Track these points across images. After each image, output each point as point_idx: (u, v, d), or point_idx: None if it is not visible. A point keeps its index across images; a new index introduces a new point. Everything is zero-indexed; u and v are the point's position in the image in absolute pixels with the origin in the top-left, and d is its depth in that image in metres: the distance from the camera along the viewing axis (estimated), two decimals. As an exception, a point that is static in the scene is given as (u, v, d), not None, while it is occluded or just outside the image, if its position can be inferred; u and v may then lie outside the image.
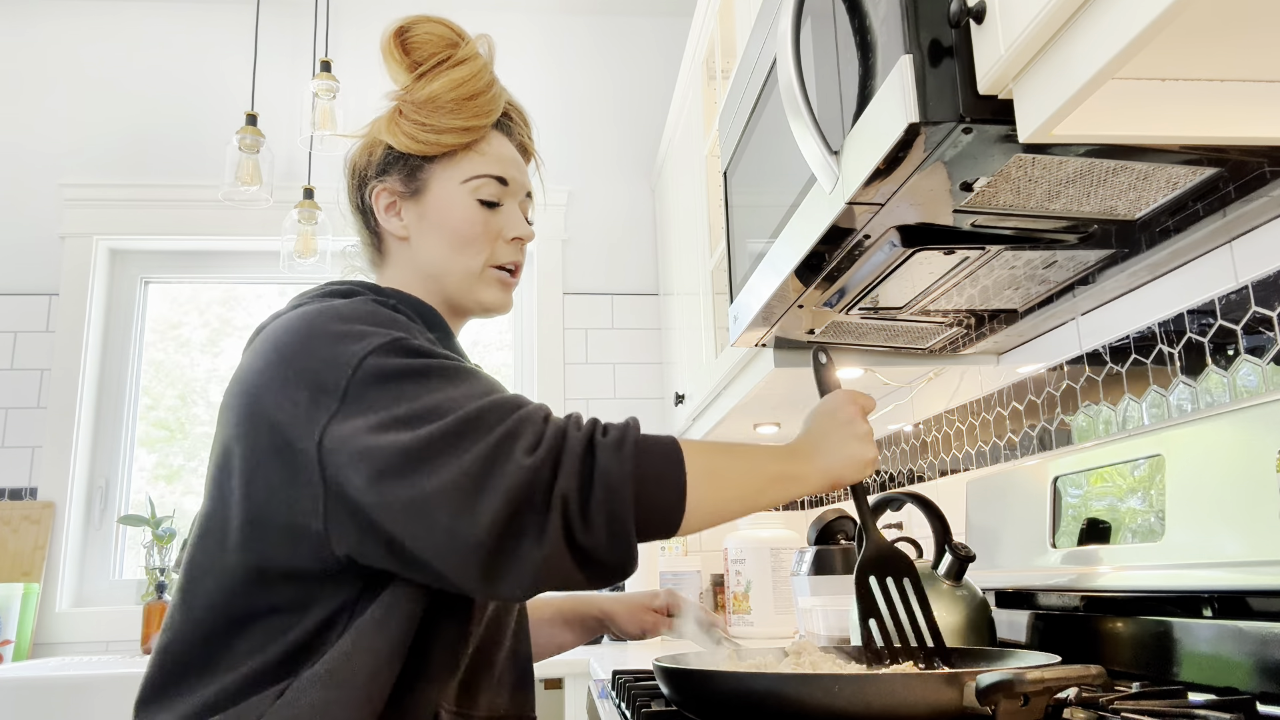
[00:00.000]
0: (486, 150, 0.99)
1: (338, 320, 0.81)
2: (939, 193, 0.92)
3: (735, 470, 0.82)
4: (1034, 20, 0.69)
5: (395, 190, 0.99)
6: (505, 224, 1.00)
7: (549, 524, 0.72)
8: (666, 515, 0.77)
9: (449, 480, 0.72)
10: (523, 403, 0.78)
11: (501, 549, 0.72)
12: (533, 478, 0.72)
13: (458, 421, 0.74)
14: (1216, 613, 0.91)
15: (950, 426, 1.73)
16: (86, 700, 1.89)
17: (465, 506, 0.71)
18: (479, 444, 0.73)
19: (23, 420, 2.60)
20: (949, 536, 1.19)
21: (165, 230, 2.75)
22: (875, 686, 0.72)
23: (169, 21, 2.91)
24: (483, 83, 0.99)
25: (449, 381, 0.78)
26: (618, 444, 0.76)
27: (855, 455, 0.89)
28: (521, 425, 0.75)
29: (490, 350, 2.92)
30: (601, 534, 0.73)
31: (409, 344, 0.80)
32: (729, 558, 2.26)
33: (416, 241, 0.99)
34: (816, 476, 0.86)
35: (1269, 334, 0.98)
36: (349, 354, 0.78)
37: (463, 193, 0.98)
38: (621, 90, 3.02)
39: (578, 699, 1.99)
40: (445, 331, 0.96)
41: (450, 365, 0.80)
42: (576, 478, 0.73)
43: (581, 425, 0.77)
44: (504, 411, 0.76)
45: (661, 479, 0.76)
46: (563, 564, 0.73)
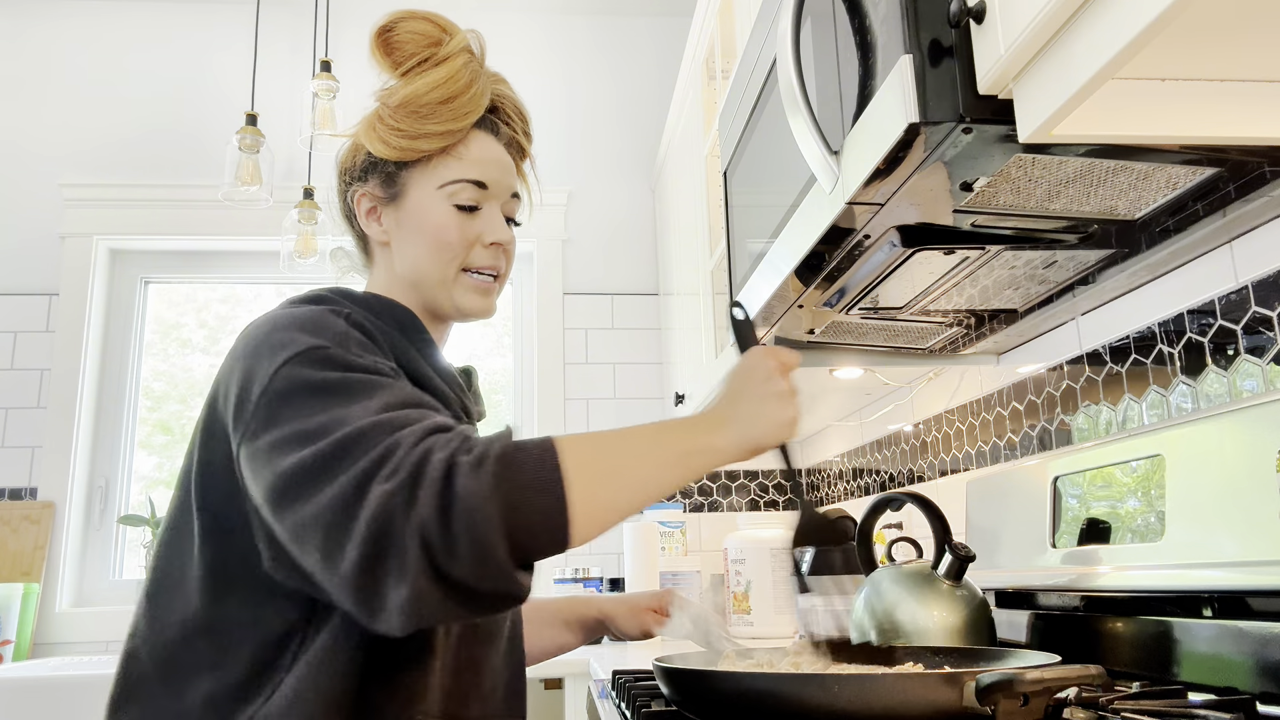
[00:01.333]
0: (464, 154, 0.96)
1: (278, 329, 0.81)
2: (939, 193, 0.92)
3: (629, 457, 0.75)
4: (1034, 20, 0.69)
5: (375, 195, 0.98)
6: (484, 228, 0.97)
7: (408, 558, 0.67)
8: (547, 528, 0.70)
9: (320, 510, 0.69)
10: (408, 421, 0.74)
11: (367, 586, 0.68)
12: (388, 507, 0.67)
13: (334, 445, 0.71)
14: (1216, 613, 0.91)
15: (950, 426, 1.73)
16: (86, 700, 1.89)
17: (334, 539, 0.68)
18: (348, 472, 0.70)
19: (23, 420, 2.60)
20: (949, 536, 1.19)
21: (165, 230, 2.75)
22: (875, 686, 0.72)
23: (169, 22, 2.91)
24: (460, 84, 0.95)
25: (349, 398, 0.75)
26: (478, 461, 0.69)
27: (773, 416, 0.81)
28: (389, 451, 0.70)
29: (490, 350, 2.92)
30: (469, 564, 0.67)
31: (325, 354, 0.78)
32: (729, 558, 2.26)
33: (396, 246, 0.97)
34: (731, 446, 0.79)
35: (1269, 334, 0.98)
36: (268, 366, 0.78)
37: (439, 198, 0.95)
38: (621, 90, 3.02)
39: (578, 699, 1.99)
40: (421, 336, 0.94)
41: (356, 380, 0.76)
42: (434, 504, 0.67)
43: (449, 445, 0.71)
44: (380, 434, 0.72)
45: (532, 489, 0.70)
46: (433, 599, 0.67)
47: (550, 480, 0.70)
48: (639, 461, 0.76)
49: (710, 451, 0.78)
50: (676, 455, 0.77)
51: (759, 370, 0.84)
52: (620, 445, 0.76)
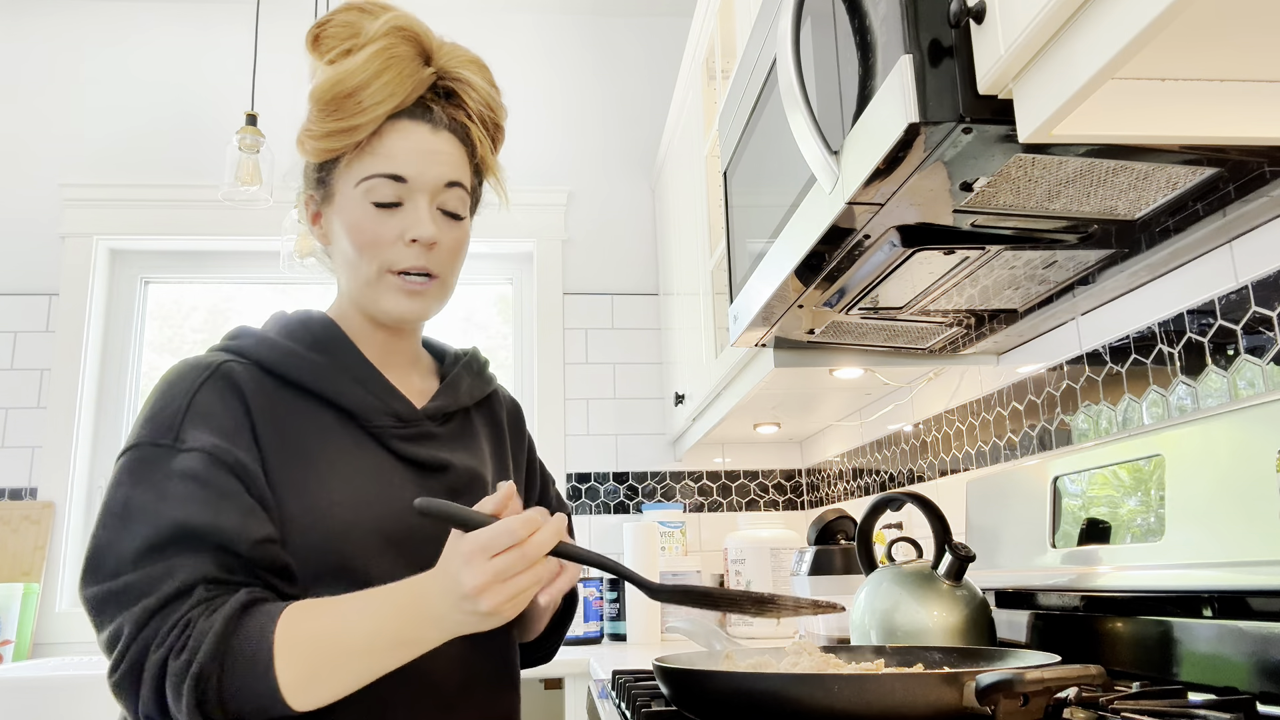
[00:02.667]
0: (378, 148, 0.90)
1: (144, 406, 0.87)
2: (939, 193, 0.92)
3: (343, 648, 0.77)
4: (1034, 20, 0.69)
5: (313, 198, 0.96)
6: (405, 225, 0.90)
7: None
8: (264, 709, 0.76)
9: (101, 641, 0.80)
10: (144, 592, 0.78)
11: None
12: (119, 694, 0.77)
13: (95, 599, 0.79)
14: (1216, 613, 0.91)
15: (950, 426, 1.73)
16: (86, 700, 1.89)
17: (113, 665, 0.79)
18: (101, 632, 0.79)
19: (23, 420, 2.60)
20: (949, 536, 1.19)
21: (165, 230, 2.75)
22: (875, 686, 0.72)
23: (169, 21, 2.91)
24: (367, 73, 0.88)
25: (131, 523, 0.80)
26: (183, 670, 0.75)
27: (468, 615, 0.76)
28: (118, 633, 0.78)
29: (490, 351, 2.92)
30: None
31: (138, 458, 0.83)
32: (729, 558, 2.26)
33: (334, 248, 0.95)
34: (439, 636, 0.78)
35: (1269, 334, 0.98)
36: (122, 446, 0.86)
37: (357, 196, 0.90)
38: (622, 90, 3.02)
39: (578, 699, 1.99)
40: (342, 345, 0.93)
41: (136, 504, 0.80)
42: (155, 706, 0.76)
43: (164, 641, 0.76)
44: (118, 606, 0.78)
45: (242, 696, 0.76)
46: None
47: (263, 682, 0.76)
48: (352, 655, 0.77)
49: (419, 643, 0.78)
50: (389, 648, 0.78)
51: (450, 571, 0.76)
52: (336, 635, 0.77)
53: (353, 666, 0.78)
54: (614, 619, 2.35)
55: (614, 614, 2.35)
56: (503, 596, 0.74)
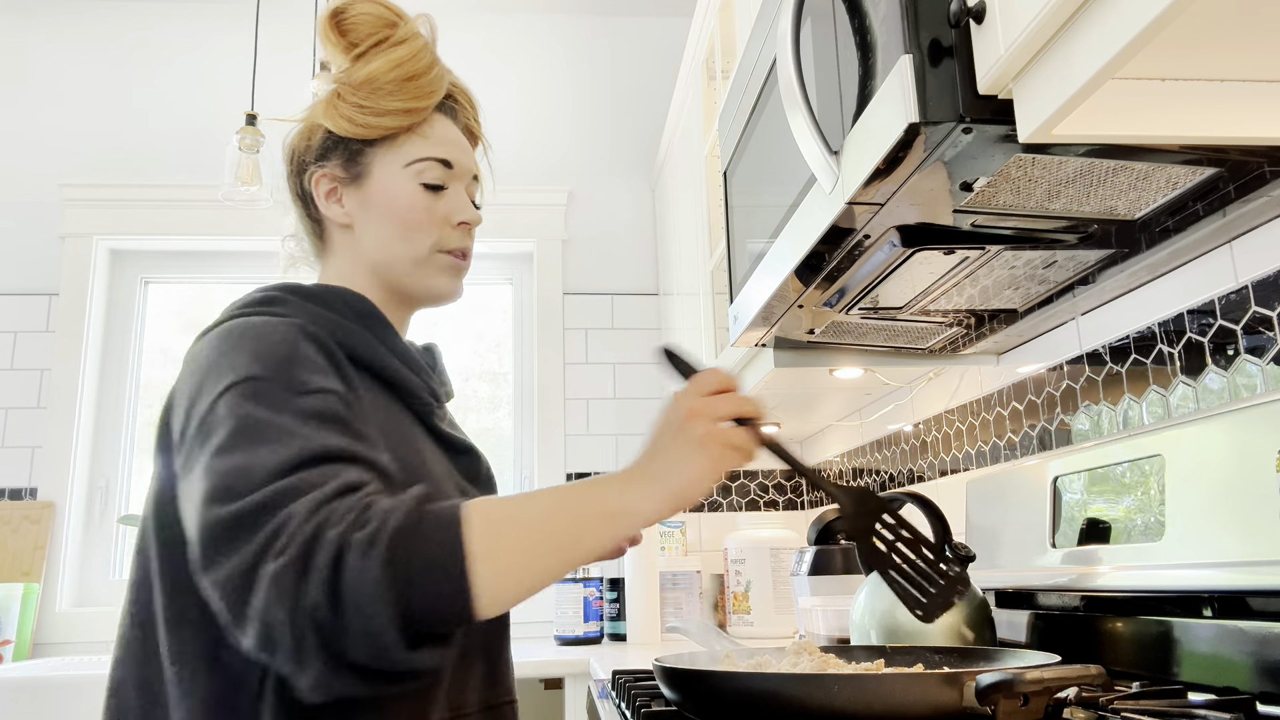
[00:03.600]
0: (429, 133, 0.96)
1: (227, 350, 0.79)
2: (939, 193, 0.92)
3: (540, 525, 0.71)
4: (1034, 20, 0.69)
5: (336, 176, 0.96)
6: (451, 208, 0.96)
7: (304, 645, 0.64)
8: (448, 609, 0.66)
9: (223, 580, 0.67)
10: (310, 485, 0.69)
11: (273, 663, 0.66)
12: (276, 592, 0.64)
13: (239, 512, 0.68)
14: (1216, 613, 0.91)
15: (950, 426, 1.73)
16: (86, 700, 1.89)
17: (236, 614, 0.67)
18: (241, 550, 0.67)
19: (23, 420, 2.60)
20: (949, 536, 1.19)
21: (165, 230, 2.75)
22: (875, 686, 0.72)
23: (169, 22, 2.91)
24: (423, 63, 0.95)
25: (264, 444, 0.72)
26: (370, 540, 0.65)
27: (690, 468, 0.74)
28: (282, 526, 0.67)
29: (490, 351, 2.92)
30: (361, 649, 0.64)
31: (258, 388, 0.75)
32: (729, 558, 2.26)
33: (360, 229, 0.96)
34: (651, 506, 0.73)
35: (1269, 334, 0.98)
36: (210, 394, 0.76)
37: (406, 176, 0.94)
38: (621, 90, 3.02)
39: (578, 699, 1.99)
40: (379, 322, 0.92)
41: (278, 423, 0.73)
42: (325, 591, 0.64)
43: (343, 519, 0.67)
44: (279, 504, 0.68)
45: (429, 571, 0.66)
46: (335, 681, 0.65)
47: (450, 560, 0.66)
48: (551, 529, 0.71)
49: (630, 514, 0.73)
50: (592, 520, 0.72)
51: (672, 418, 0.77)
52: (531, 512, 0.71)
53: (552, 540, 0.70)
54: (614, 619, 2.35)
55: (614, 614, 2.35)
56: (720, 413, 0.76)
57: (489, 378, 2.89)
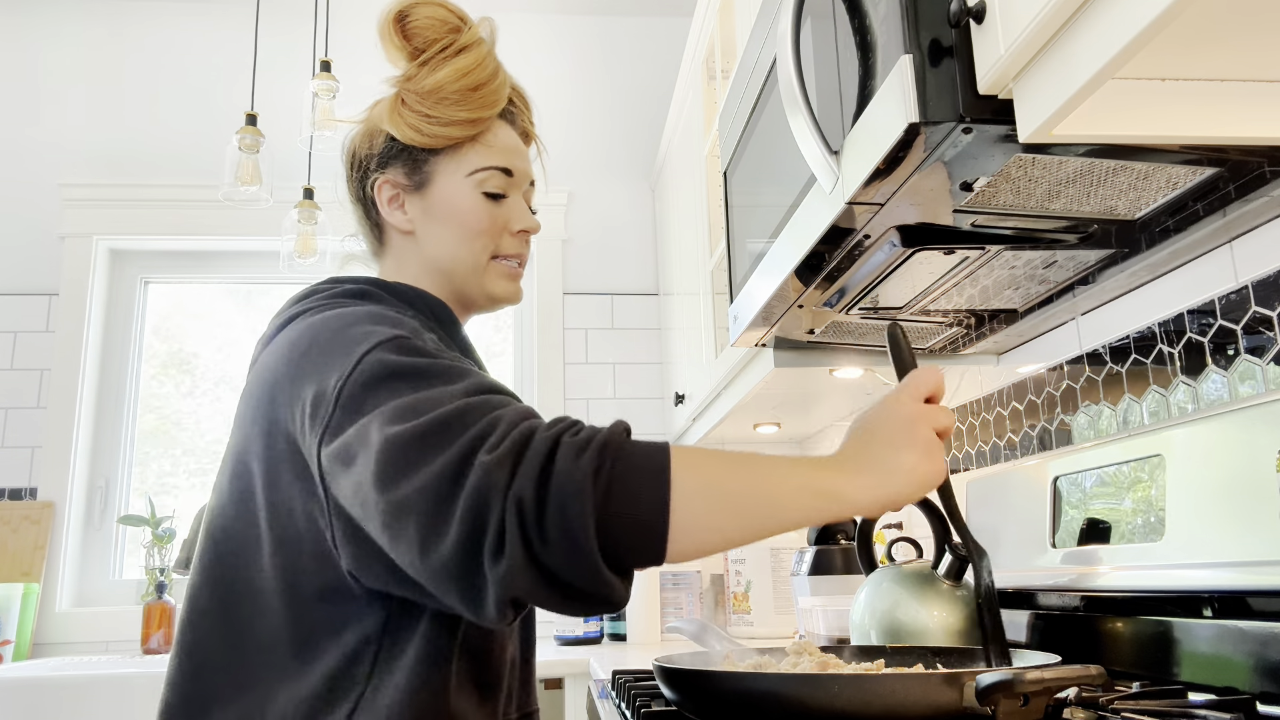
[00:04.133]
0: (492, 142, 0.97)
1: (348, 324, 0.79)
2: (939, 193, 0.92)
3: (750, 482, 0.68)
4: (1034, 20, 0.69)
5: (398, 183, 0.97)
6: (511, 216, 0.98)
7: (506, 532, 0.62)
8: (643, 535, 0.64)
9: (419, 488, 0.65)
10: (505, 402, 0.70)
11: (468, 564, 0.64)
12: (488, 480, 0.63)
13: (434, 422, 0.67)
14: (1216, 613, 0.91)
15: (950, 426, 1.73)
16: (86, 700, 1.89)
17: (434, 520, 0.64)
18: (450, 448, 0.65)
19: (23, 420, 2.60)
20: (949, 536, 1.19)
21: (165, 230, 2.75)
22: (875, 686, 0.72)
23: (169, 21, 2.91)
24: (487, 72, 0.96)
25: (441, 379, 0.72)
26: (581, 446, 0.64)
27: (916, 472, 0.72)
28: (493, 425, 0.66)
29: (490, 351, 2.92)
30: (559, 551, 0.62)
31: (408, 343, 0.76)
32: (729, 557, 2.26)
33: (422, 235, 0.97)
34: (864, 496, 0.71)
35: (1269, 334, 0.98)
36: (348, 359, 0.74)
37: (468, 186, 0.96)
38: (621, 90, 3.02)
39: (578, 699, 1.99)
40: (454, 325, 0.95)
41: (443, 364, 0.74)
42: (533, 482, 0.63)
43: (555, 425, 0.67)
44: (483, 410, 0.68)
45: (633, 492, 0.64)
46: (526, 581, 0.63)
47: (656, 487, 0.64)
48: (757, 489, 0.68)
49: (839, 498, 0.70)
50: (800, 492, 0.69)
51: (899, 416, 0.75)
52: (739, 469, 0.69)
53: (755, 500, 0.68)
54: (614, 619, 2.35)
55: (614, 614, 2.35)
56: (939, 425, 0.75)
57: (489, 378, 2.89)
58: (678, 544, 0.65)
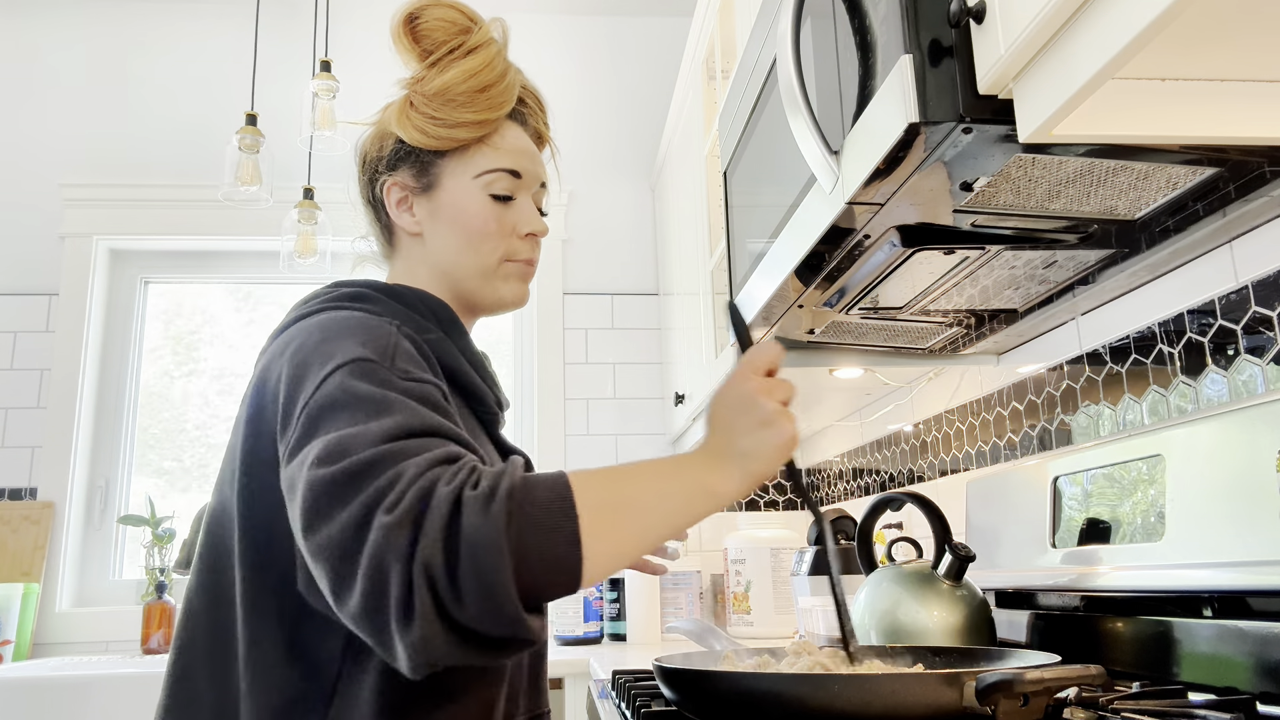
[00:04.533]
0: (499, 143, 0.96)
1: (330, 337, 0.79)
2: (939, 193, 0.92)
3: (639, 497, 0.71)
4: (1034, 20, 0.69)
5: (407, 185, 0.97)
6: (519, 219, 0.98)
7: (414, 599, 0.62)
8: (560, 570, 0.66)
9: (328, 539, 0.66)
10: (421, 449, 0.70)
11: (375, 622, 0.64)
12: (385, 543, 0.63)
13: (345, 472, 0.67)
14: (1216, 613, 0.91)
15: (950, 426, 1.73)
16: (86, 700, 1.89)
17: (341, 573, 0.65)
18: (353, 503, 0.66)
19: (23, 420, 2.60)
20: (949, 536, 1.19)
21: (165, 230, 2.75)
22: (875, 686, 0.72)
23: (169, 21, 2.91)
24: (495, 73, 0.95)
25: (378, 413, 0.72)
26: (487, 497, 0.65)
27: (769, 445, 0.75)
28: (393, 481, 0.66)
29: (490, 350, 2.92)
30: (476, 607, 0.62)
31: (366, 368, 0.76)
32: (729, 558, 2.26)
33: (429, 237, 0.97)
34: (734, 485, 0.75)
35: (1269, 334, 0.98)
36: (316, 375, 0.76)
37: (475, 188, 0.95)
38: (621, 90, 3.02)
39: (578, 699, 1.99)
40: (458, 328, 0.94)
41: (389, 398, 0.74)
42: (440, 544, 0.63)
43: (455, 477, 0.67)
44: (391, 462, 0.68)
45: (545, 531, 0.65)
46: (441, 643, 0.63)
47: (564, 523, 0.66)
48: (646, 505, 0.71)
49: (715, 493, 0.74)
50: (684, 498, 0.73)
51: (744, 396, 0.78)
52: (627, 487, 0.72)
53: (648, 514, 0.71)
54: (614, 619, 2.35)
55: (614, 614, 2.35)
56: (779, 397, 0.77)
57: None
58: (590, 574, 0.68)
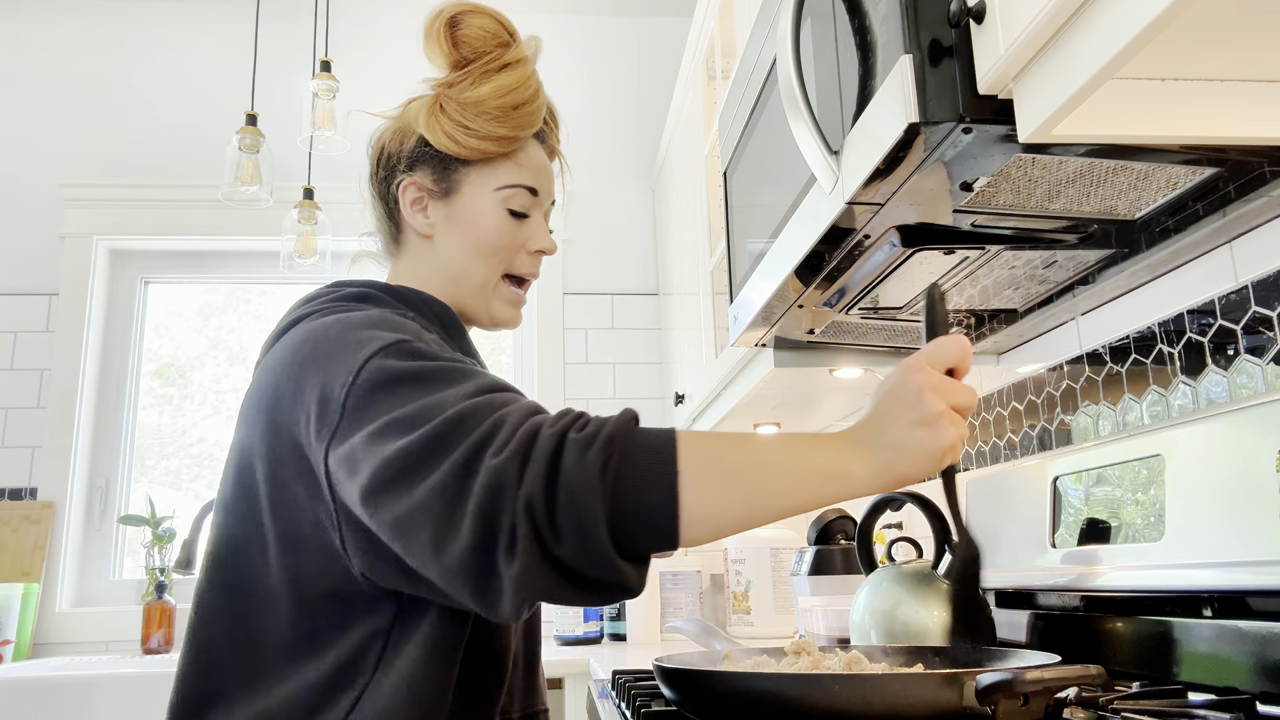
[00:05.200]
0: (523, 160, 0.97)
1: (351, 329, 0.79)
2: (939, 193, 0.92)
3: (757, 464, 0.69)
4: (1034, 20, 0.69)
5: (425, 187, 0.96)
6: (530, 236, 0.99)
7: (518, 533, 0.63)
8: (654, 522, 0.65)
9: (428, 493, 0.67)
10: (509, 401, 0.71)
11: (482, 565, 0.65)
12: (497, 481, 0.64)
13: (440, 426, 0.68)
14: (1216, 613, 0.91)
15: (950, 426, 1.73)
16: (86, 700, 1.89)
17: (445, 522, 0.66)
18: (456, 450, 0.67)
19: (23, 420, 2.60)
20: (949, 536, 1.19)
21: (165, 230, 2.75)
22: (875, 686, 0.72)
23: (169, 22, 2.91)
24: (529, 91, 0.96)
25: (444, 382, 0.72)
26: (589, 440, 0.65)
27: (923, 446, 0.70)
28: (497, 426, 0.67)
29: (490, 350, 2.92)
30: (572, 545, 0.64)
31: (411, 347, 0.76)
32: (729, 558, 2.26)
33: (440, 242, 0.97)
34: (870, 474, 0.70)
35: (1269, 334, 0.98)
36: (352, 363, 0.75)
37: (494, 200, 0.96)
38: (621, 90, 3.02)
39: (578, 699, 1.99)
40: (459, 331, 0.94)
41: (447, 366, 0.75)
42: (542, 480, 0.64)
43: (560, 420, 0.68)
44: (486, 412, 0.69)
45: (641, 478, 0.65)
46: (542, 578, 0.64)
47: (663, 473, 0.66)
48: (763, 472, 0.69)
49: (845, 477, 0.70)
50: (808, 473, 0.69)
51: (909, 388, 0.72)
52: (746, 451, 0.69)
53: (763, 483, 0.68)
54: (614, 619, 2.35)
55: (614, 614, 2.35)
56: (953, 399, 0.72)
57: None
58: (690, 529, 0.66)
